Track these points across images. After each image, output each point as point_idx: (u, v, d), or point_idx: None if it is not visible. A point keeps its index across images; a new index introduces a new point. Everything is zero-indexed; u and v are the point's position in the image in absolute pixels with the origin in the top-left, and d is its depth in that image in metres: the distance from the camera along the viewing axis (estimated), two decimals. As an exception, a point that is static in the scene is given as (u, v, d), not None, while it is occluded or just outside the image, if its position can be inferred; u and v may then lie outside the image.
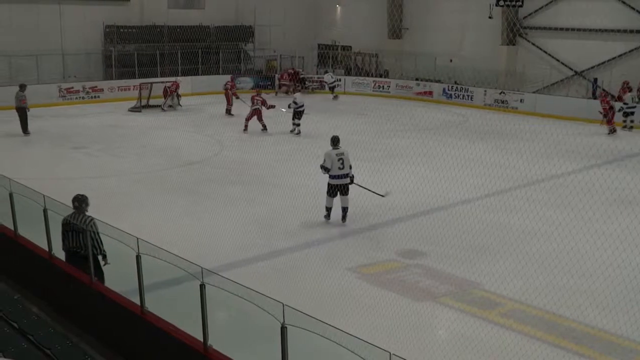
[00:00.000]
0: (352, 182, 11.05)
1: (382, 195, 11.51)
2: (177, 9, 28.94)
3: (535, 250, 9.82)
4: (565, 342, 7.24)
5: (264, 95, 19.86)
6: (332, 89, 27.63)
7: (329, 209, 11.10)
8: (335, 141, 11.12)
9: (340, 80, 28.58)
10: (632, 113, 20.74)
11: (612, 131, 19.96)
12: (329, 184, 11.01)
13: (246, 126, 19.27)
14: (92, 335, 6.85)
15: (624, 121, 20.67)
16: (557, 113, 22.66)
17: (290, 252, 9.85)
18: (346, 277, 8.87)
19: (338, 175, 10.92)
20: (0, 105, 21.53)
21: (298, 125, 19.05)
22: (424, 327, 7.61)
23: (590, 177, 11.72)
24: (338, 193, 11.00)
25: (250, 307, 4.87)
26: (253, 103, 19.28)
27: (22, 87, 18.59)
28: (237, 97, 22.34)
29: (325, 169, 10.95)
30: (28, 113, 18.41)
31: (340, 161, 10.91)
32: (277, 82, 28.43)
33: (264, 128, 19.21)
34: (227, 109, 22.49)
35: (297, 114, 19.05)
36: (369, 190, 11.42)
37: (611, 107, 20.11)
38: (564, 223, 9.82)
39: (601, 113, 20.22)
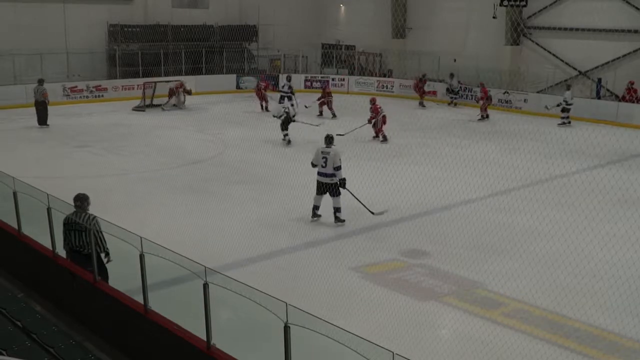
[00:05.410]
0: (343, 186, 10.91)
1: (373, 213, 11.19)
2: (181, 8, 28.94)
3: (539, 250, 9.80)
4: (568, 342, 7.23)
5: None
6: None
7: (314, 207, 11.13)
8: (327, 140, 11.20)
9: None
10: (568, 110, 21.51)
11: (485, 117, 22.24)
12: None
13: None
14: (95, 333, 6.86)
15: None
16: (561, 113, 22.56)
17: (294, 251, 9.85)
18: (349, 277, 8.87)
19: (321, 173, 11.00)
20: (5, 104, 21.65)
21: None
22: (427, 326, 7.60)
23: (595, 177, 11.69)
24: (327, 193, 10.97)
25: (253, 307, 4.87)
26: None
27: (41, 82, 19.42)
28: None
29: (312, 164, 11.14)
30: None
31: (324, 160, 10.91)
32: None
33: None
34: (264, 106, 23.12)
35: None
36: (362, 204, 11.13)
37: (489, 97, 22.56)
38: (567, 223, 9.79)
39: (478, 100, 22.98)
